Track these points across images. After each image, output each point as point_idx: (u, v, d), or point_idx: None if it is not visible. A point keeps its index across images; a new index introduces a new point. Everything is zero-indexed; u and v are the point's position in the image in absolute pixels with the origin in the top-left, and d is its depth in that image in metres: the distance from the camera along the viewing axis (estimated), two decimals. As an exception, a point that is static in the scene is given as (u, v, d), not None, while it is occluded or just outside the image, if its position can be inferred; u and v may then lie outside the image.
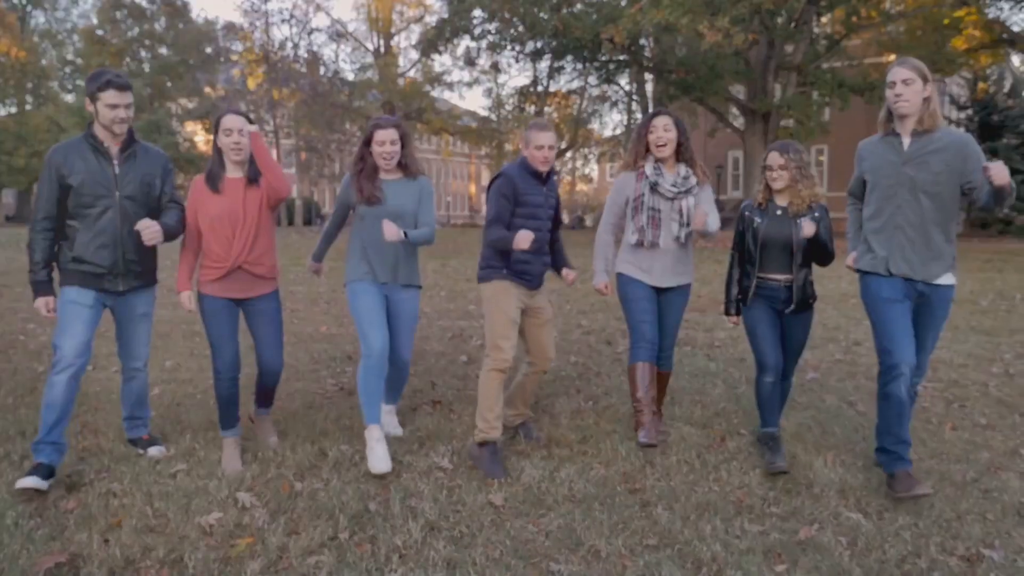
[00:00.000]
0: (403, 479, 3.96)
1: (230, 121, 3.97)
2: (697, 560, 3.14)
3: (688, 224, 4.28)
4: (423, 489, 3.83)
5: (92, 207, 3.78)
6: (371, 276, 4.28)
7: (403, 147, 4.26)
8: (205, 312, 4.07)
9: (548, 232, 4.42)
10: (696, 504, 3.69)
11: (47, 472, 3.67)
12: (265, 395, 4.44)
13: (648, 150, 4.33)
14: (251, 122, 4.01)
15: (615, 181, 4.50)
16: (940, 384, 6.10)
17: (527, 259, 4.28)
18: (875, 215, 3.90)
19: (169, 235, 3.92)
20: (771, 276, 4.26)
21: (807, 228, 4.09)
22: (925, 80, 3.68)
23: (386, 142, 4.17)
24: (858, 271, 4.02)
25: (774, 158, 4.19)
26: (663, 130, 4.25)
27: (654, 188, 4.27)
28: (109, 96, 3.71)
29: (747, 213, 4.35)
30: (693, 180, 4.31)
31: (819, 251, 4.20)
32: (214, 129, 4.03)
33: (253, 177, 4.04)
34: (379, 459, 3.95)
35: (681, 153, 4.35)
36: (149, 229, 3.76)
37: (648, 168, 4.31)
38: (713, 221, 4.23)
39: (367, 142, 4.24)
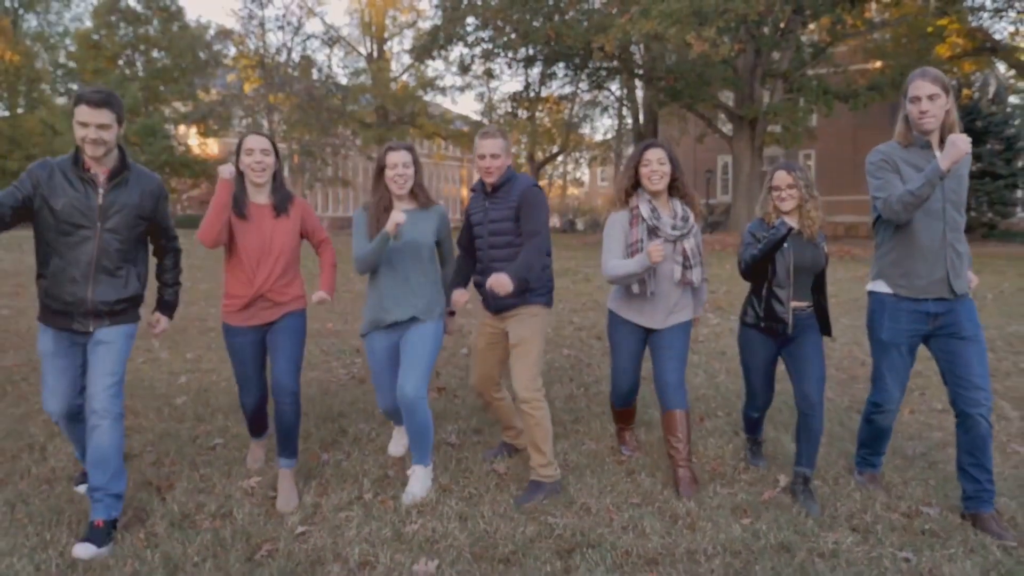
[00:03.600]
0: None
1: (252, 141, 3.83)
2: (674, 514, 3.65)
3: (691, 267, 4.00)
4: (435, 460, 4.33)
5: (70, 235, 3.38)
6: (381, 323, 4.00)
7: (415, 173, 4.02)
8: (230, 349, 3.95)
9: (494, 250, 4.02)
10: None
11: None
12: (286, 435, 3.86)
13: (639, 184, 4.03)
14: (275, 146, 3.92)
15: (609, 219, 4.09)
16: (904, 374, 6.61)
17: (480, 282, 4.11)
18: (918, 234, 3.59)
19: (175, 309, 3.90)
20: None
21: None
22: (947, 92, 3.45)
23: (398, 164, 3.92)
24: (872, 294, 3.80)
25: (782, 177, 3.88)
26: (658, 163, 3.94)
27: (653, 232, 3.95)
28: (80, 113, 3.31)
29: (760, 235, 3.92)
30: (692, 220, 4.02)
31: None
32: (236, 150, 3.88)
33: (281, 206, 3.90)
34: (395, 445, 4.42)
35: (676, 188, 4.06)
36: (160, 327, 3.79)
37: (644, 209, 3.96)
38: (701, 306, 4.34)
39: (380, 170, 4.01)
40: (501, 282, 3.66)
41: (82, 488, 3.79)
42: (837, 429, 4.97)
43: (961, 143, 3.18)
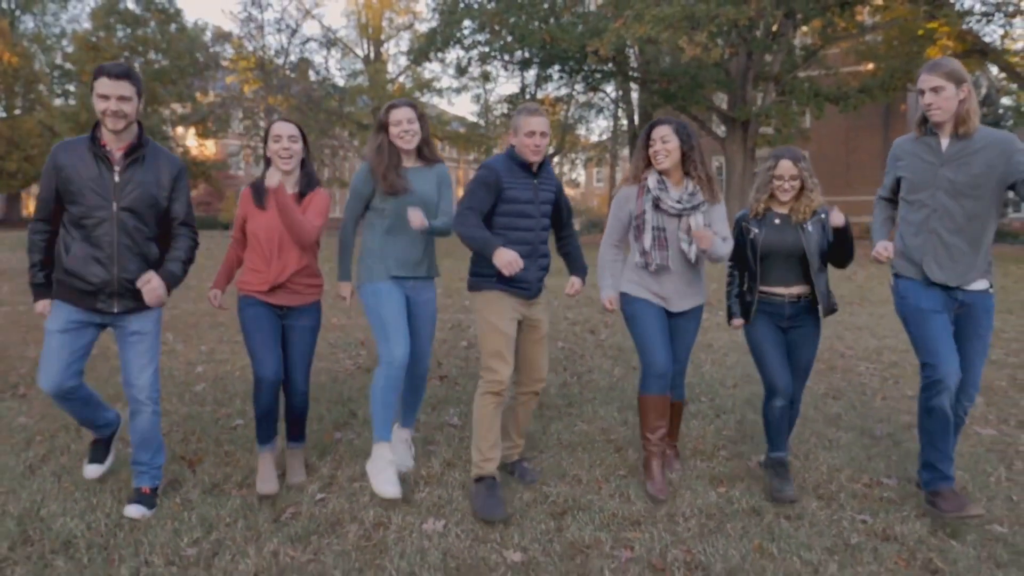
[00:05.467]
0: (421, 432, 4.82)
1: (279, 128, 3.84)
2: (657, 484, 4.03)
3: (694, 245, 3.90)
4: (439, 439, 4.72)
5: (88, 217, 3.38)
6: (392, 274, 3.95)
7: (421, 129, 3.97)
8: (245, 318, 3.87)
9: (543, 231, 3.92)
10: (660, 449, 4.57)
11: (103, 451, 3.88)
12: (296, 424, 4.08)
13: (650, 163, 3.96)
14: (303, 133, 3.92)
15: (616, 196, 4.09)
16: (881, 365, 7.01)
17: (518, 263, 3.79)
18: (910, 218, 3.71)
19: (175, 284, 3.58)
20: (774, 290, 3.99)
21: (836, 218, 3.85)
22: (958, 83, 3.46)
23: (403, 121, 3.88)
24: (894, 276, 3.84)
25: (787, 167, 3.88)
26: (660, 141, 3.86)
27: (657, 204, 3.89)
28: (100, 85, 3.29)
29: (744, 224, 4.04)
30: (700, 196, 3.90)
31: (842, 247, 3.97)
32: (264, 137, 3.91)
33: (303, 192, 3.92)
34: (388, 482, 3.62)
35: (687, 165, 3.92)
36: (150, 286, 3.43)
37: (651, 181, 3.90)
38: (722, 245, 3.89)
39: (382, 127, 3.95)
40: (578, 288, 4.11)
41: (93, 469, 3.86)
42: (811, 412, 5.36)
43: (875, 253, 3.62)
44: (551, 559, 3.19)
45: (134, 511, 3.53)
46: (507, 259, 3.51)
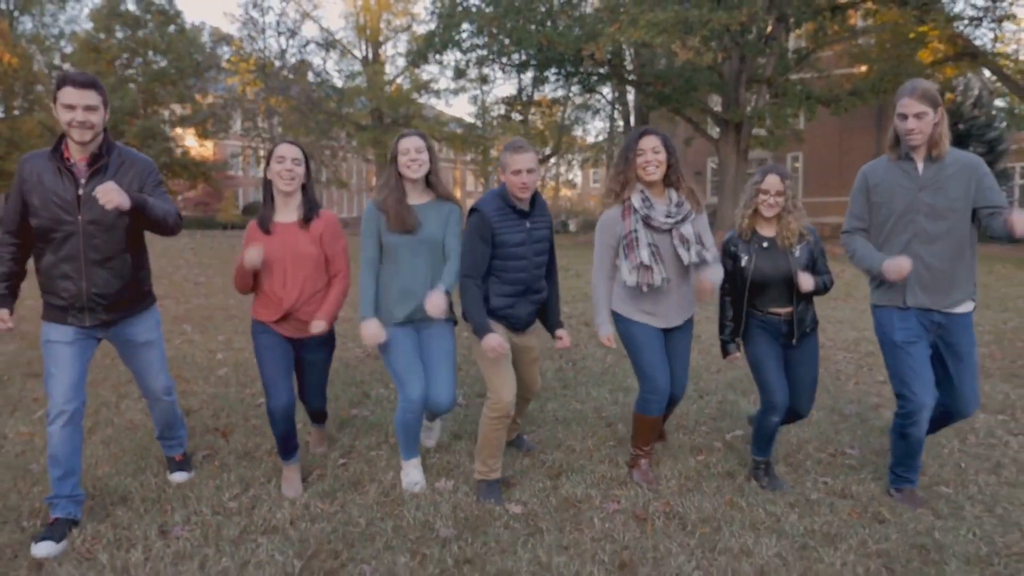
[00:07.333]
0: (429, 410, 5.28)
1: (283, 149, 3.73)
2: (643, 452, 4.49)
3: (692, 249, 3.82)
4: (446, 417, 5.17)
5: (54, 232, 3.27)
6: (397, 320, 3.89)
7: (430, 161, 3.89)
8: (258, 345, 3.82)
9: (537, 270, 3.96)
10: (646, 424, 5.04)
11: (63, 530, 3.30)
12: (317, 417, 4.37)
13: (635, 176, 3.84)
14: (307, 157, 3.84)
15: (600, 220, 4.00)
16: (858, 354, 7.48)
17: (510, 304, 3.92)
18: (890, 244, 3.69)
19: (139, 205, 3.22)
20: (771, 311, 3.95)
21: (804, 283, 3.79)
22: (936, 107, 3.48)
23: (411, 150, 3.81)
24: (872, 307, 3.87)
25: (774, 182, 3.81)
26: (652, 152, 3.77)
27: (647, 222, 3.81)
28: (65, 94, 3.16)
29: (732, 248, 3.97)
30: (687, 207, 3.85)
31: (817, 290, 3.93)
32: (266, 160, 3.78)
33: (307, 217, 3.79)
34: (415, 482, 3.95)
35: (669, 176, 3.87)
36: (105, 190, 3.02)
37: (635, 200, 3.82)
38: (718, 271, 3.84)
39: (393, 159, 3.89)
40: (567, 341, 4.13)
41: (45, 547, 3.20)
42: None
43: (895, 270, 3.46)
44: (547, 511, 3.66)
45: (179, 477, 4.00)
46: (491, 345, 3.64)
